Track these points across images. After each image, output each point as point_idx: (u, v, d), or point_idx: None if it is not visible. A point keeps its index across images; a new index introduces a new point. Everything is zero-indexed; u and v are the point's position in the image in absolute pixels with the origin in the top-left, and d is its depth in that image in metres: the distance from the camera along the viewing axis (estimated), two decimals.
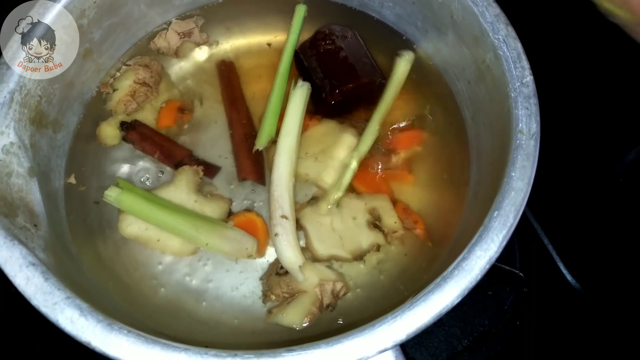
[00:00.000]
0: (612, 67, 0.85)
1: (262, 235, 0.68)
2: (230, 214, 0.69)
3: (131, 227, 0.66)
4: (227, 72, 0.78)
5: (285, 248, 0.63)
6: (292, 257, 0.63)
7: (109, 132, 0.73)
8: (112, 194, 0.64)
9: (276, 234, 0.64)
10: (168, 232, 0.66)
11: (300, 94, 0.70)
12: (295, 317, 0.61)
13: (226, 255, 0.66)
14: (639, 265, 0.77)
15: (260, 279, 0.66)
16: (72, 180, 0.70)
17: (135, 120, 0.73)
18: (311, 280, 0.63)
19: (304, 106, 0.70)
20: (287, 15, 0.78)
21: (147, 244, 0.67)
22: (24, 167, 0.61)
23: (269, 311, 0.63)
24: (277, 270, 0.64)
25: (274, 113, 0.71)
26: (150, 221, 0.65)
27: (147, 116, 0.74)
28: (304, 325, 0.61)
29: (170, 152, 0.71)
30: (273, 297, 0.63)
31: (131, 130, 0.72)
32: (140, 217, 0.66)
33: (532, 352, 0.80)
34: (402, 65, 0.74)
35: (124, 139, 0.72)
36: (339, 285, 0.63)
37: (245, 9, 0.81)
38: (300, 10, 0.77)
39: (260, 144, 0.71)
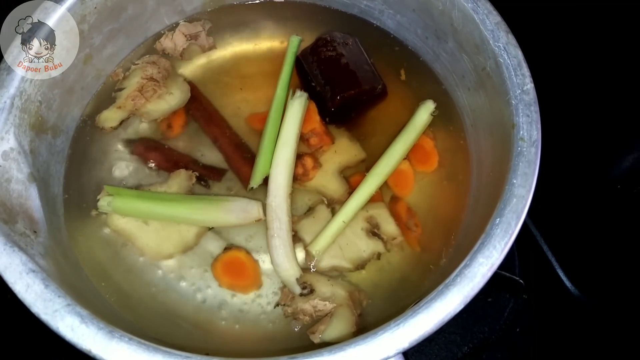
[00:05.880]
0: (610, 75, 0.86)
1: (252, 270, 0.66)
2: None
3: (121, 220, 0.66)
4: (191, 92, 0.76)
5: (283, 260, 0.63)
6: (289, 269, 0.63)
7: (109, 115, 0.73)
8: (104, 204, 0.65)
9: (273, 246, 0.63)
10: (170, 223, 0.66)
11: (299, 104, 0.69)
12: (344, 329, 0.61)
13: (235, 226, 0.66)
14: (638, 271, 0.77)
15: (277, 305, 0.64)
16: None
17: (140, 138, 0.72)
18: (340, 293, 0.63)
19: (302, 116, 0.69)
20: (291, 22, 0.79)
21: (135, 240, 0.66)
22: (23, 173, 0.61)
23: (311, 331, 0.61)
24: (301, 292, 0.63)
25: (267, 152, 0.68)
26: (150, 217, 0.66)
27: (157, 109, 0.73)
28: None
29: (176, 161, 0.71)
30: (307, 318, 0.62)
31: (136, 143, 0.71)
32: (139, 217, 0.66)
33: (532, 359, 0.80)
34: (422, 115, 0.71)
35: (132, 152, 0.72)
36: (362, 295, 0.64)
37: (248, 16, 0.81)
38: (294, 41, 0.76)
39: (255, 182, 0.68)
